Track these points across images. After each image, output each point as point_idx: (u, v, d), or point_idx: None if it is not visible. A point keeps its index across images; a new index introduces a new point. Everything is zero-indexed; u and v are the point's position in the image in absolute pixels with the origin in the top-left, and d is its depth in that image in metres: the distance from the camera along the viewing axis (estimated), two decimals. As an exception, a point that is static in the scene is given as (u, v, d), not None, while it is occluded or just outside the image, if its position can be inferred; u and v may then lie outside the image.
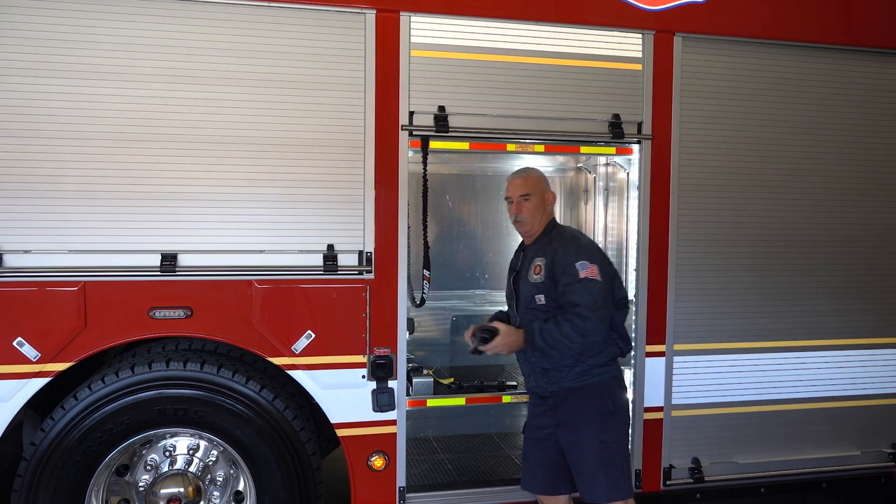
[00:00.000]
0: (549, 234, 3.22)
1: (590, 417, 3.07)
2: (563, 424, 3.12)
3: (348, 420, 3.39)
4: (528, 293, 3.17)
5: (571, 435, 3.09)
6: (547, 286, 3.10)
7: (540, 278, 3.11)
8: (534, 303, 3.13)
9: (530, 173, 3.29)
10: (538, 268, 3.13)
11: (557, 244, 3.13)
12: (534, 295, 3.13)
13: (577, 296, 2.98)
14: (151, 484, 3.29)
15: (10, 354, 3.04)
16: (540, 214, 3.22)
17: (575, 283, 3.00)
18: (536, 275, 3.13)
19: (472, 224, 4.78)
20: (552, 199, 3.28)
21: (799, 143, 3.88)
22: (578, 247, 3.10)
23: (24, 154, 3.04)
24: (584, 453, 3.06)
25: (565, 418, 3.11)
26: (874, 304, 4.02)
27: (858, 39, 3.90)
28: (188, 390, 3.20)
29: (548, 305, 3.10)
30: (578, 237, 3.22)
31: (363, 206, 3.36)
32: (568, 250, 3.08)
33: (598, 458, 3.03)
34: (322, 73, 3.29)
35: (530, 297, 3.15)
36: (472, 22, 3.45)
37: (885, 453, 4.08)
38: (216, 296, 3.22)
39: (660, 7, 3.64)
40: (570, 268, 3.02)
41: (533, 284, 3.14)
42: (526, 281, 3.18)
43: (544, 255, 3.14)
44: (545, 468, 3.22)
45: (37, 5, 3.03)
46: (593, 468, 3.04)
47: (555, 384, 3.12)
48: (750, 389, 3.88)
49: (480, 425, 4.69)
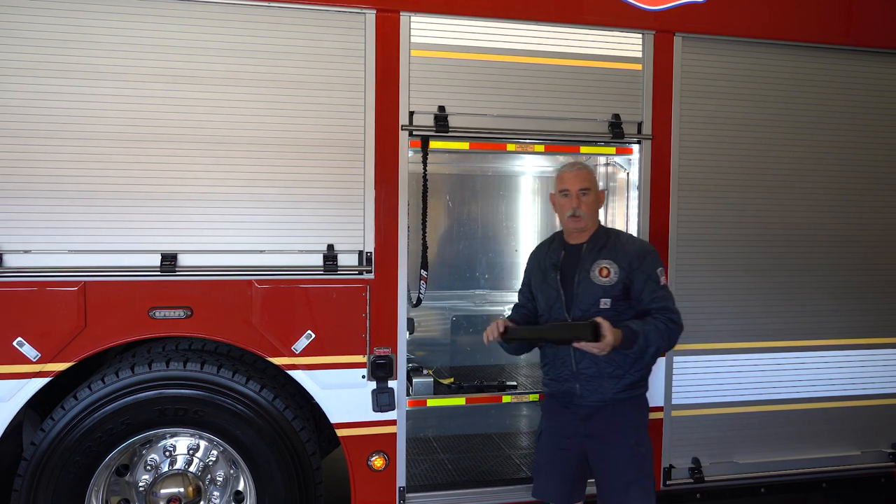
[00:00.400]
0: (605, 236, 3.11)
1: (629, 429, 3.00)
2: (597, 435, 3.01)
3: (348, 420, 3.39)
4: (592, 295, 3.01)
5: (606, 446, 3.00)
6: (618, 290, 2.99)
7: (609, 281, 2.99)
8: (596, 306, 2.99)
9: (588, 167, 3.18)
10: (605, 270, 3.01)
11: (633, 250, 3.04)
12: (599, 297, 3.00)
13: (666, 301, 2.99)
14: (151, 484, 3.29)
15: (10, 354, 3.04)
16: (596, 210, 3.13)
17: (660, 288, 3.00)
18: (604, 277, 3.00)
19: (472, 224, 4.78)
20: (602, 199, 3.22)
21: (799, 143, 3.88)
22: (655, 254, 3.08)
23: (24, 154, 3.04)
24: (620, 465, 2.98)
25: (600, 429, 3.01)
26: (874, 304, 4.03)
27: (858, 39, 3.91)
28: (188, 390, 3.20)
29: (613, 310, 2.98)
30: (645, 243, 3.21)
31: (363, 206, 3.36)
32: (646, 256, 3.03)
33: (636, 471, 2.97)
34: (322, 73, 3.29)
35: (594, 300, 3.00)
36: (472, 22, 3.45)
37: (885, 453, 4.08)
38: (216, 296, 3.22)
39: (660, 7, 3.64)
40: (654, 274, 3.00)
41: (599, 287, 3.00)
42: (587, 281, 3.02)
43: (612, 258, 3.02)
44: (563, 477, 3.12)
45: (37, 5, 3.03)
46: (628, 480, 2.97)
47: (597, 394, 3.00)
48: (750, 389, 3.88)
49: (480, 425, 4.69)
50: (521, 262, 4.81)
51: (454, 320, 4.67)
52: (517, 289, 4.72)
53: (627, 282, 3.00)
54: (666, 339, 2.95)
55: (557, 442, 3.13)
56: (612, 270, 3.01)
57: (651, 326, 2.92)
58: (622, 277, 3.00)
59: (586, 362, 3.00)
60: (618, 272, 3.00)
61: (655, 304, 2.98)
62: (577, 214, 3.05)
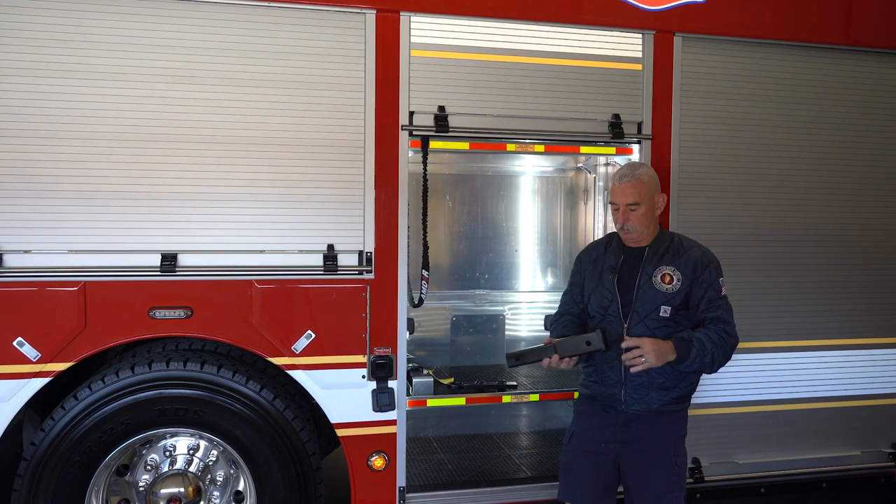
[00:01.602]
0: (668, 241, 3.03)
1: (668, 441, 2.96)
2: (634, 443, 2.96)
3: (348, 420, 3.39)
4: (653, 301, 2.93)
5: (643, 455, 2.95)
6: (679, 299, 2.92)
7: (672, 289, 2.92)
8: (656, 313, 2.92)
9: (641, 177, 2.98)
10: (668, 277, 2.93)
11: (697, 257, 2.97)
12: (660, 304, 2.92)
13: (725, 313, 2.92)
14: (151, 484, 3.29)
15: (10, 354, 3.04)
16: (650, 222, 3.00)
17: (720, 298, 2.93)
18: (668, 284, 2.92)
19: (472, 224, 4.78)
20: (663, 203, 3.05)
21: (799, 143, 3.88)
22: (717, 263, 3.00)
23: (24, 154, 3.04)
24: (657, 474, 2.94)
25: (639, 437, 2.95)
26: (874, 304, 4.03)
27: (858, 39, 3.91)
28: (188, 390, 3.20)
29: (671, 319, 2.92)
30: (708, 251, 3.07)
31: (363, 206, 3.36)
32: (709, 265, 2.96)
33: (671, 482, 2.94)
34: (322, 73, 3.29)
35: (654, 307, 2.92)
36: (472, 22, 3.45)
37: (885, 453, 4.08)
38: (216, 296, 3.22)
39: (660, 7, 3.64)
40: (716, 283, 2.93)
41: (662, 294, 2.92)
42: (650, 287, 2.94)
43: (675, 266, 2.95)
44: (594, 482, 3.03)
45: (37, 5, 3.03)
46: (663, 490, 2.94)
47: (642, 403, 2.93)
48: (750, 389, 3.88)
49: (480, 425, 4.69)
50: (522, 262, 4.83)
51: (454, 320, 4.67)
52: (517, 289, 4.78)
53: (689, 290, 2.93)
54: (721, 350, 2.85)
55: (591, 445, 3.04)
56: (676, 277, 2.94)
57: (703, 336, 2.84)
58: (685, 285, 2.93)
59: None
60: (681, 279, 2.93)
61: (710, 313, 2.91)
62: (626, 228, 2.97)
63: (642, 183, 2.96)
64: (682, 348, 2.82)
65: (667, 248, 3.00)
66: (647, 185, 2.97)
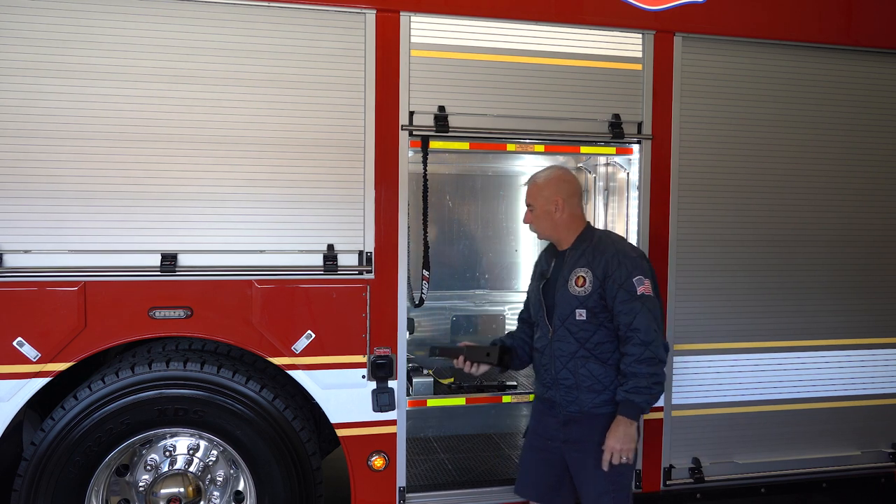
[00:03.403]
0: (589, 241, 3.01)
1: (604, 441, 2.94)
2: (574, 442, 3.00)
3: (348, 420, 3.39)
4: (568, 306, 2.94)
5: (581, 455, 2.98)
6: (593, 301, 2.89)
7: (584, 291, 2.90)
8: (573, 318, 2.93)
9: (537, 180, 3.11)
10: (581, 279, 2.91)
11: (610, 256, 2.91)
12: (574, 308, 2.92)
13: (637, 317, 2.81)
14: (151, 484, 3.29)
15: (10, 354, 3.04)
16: (548, 222, 3.05)
17: (633, 300, 2.83)
18: (579, 287, 2.90)
19: (472, 224, 4.78)
20: (562, 205, 3.03)
21: (799, 143, 3.88)
22: (633, 260, 2.91)
23: (24, 154, 3.04)
24: (594, 475, 2.94)
25: (577, 437, 2.99)
26: (874, 304, 4.02)
27: (858, 39, 3.90)
28: (188, 390, 3.20)
29: (589, 322, 2.90)
30: (627, 248, 3.01)
31: (363, 206, 3.36)
32: (622, 264, 2.88)
33: (609, 483, 2.93)
34: (322, 73, 3.29)
35: (569, 311, 2.94)
36: (472, 22, 3.45)
37: (885, 453, 4.08)
38: (216, 296, 3.22)
39: (660, 7, 3.64)
40: (627, 283, 2.84)
41: (575, 297, 2.92)
42: (565, 292, 2.95)
43: (589, 267, 2.92)
44: (544, 476, 3.13)
45: (37, 5, 3.03)
46: (601, 491, 2.94)
47: (575, 405, 2.98)
48: (750, 389, 3.88)
49: (480, 425, 4.69)
50: (521, 262, 4.83)
51: (454, 320, 4.67)
52: (517, 289, 4.79)
53: (602, 291, 2.88)
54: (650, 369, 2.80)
55: (541, 443, 3.15)
56: (588, 279, 2.91)
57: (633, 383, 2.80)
58: (597, 287, 2.88)
59: (565, 372, 2.99)
60: (593, 281, 2.90)
61: (622, 317, 2.84)
62: (532, 229, 3.15)
63: (536, 185, 3.11)
64: (630, 411, 2.83)
65: (584, 249, 3.00)
66: (540, 187, 3.08)
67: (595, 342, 2.94)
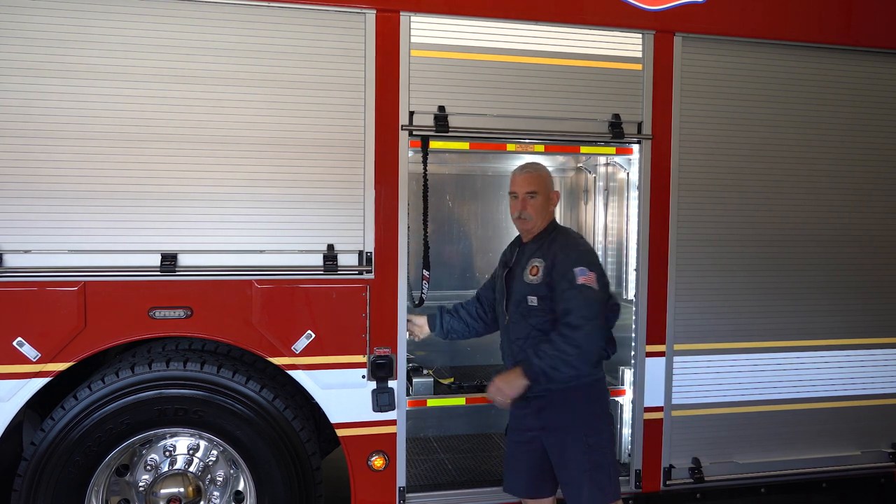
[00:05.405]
0: (549, 235, 3.17)
1: (577, 421, 3.03)
2: (549, 427, 3.07)
3: (348, 420, 3.39)
4: (521, 293, 3.11)
5: (557, 438, 3.05)
6: (543, 289, 3.05)
7: (536, 280, 3.07)
8: (525, 303, 3.09)
9: (539, 170, 3.22)
10: (535, 269, 3.09)
11: (558, 248, 3.08)
12: (526, 295, 3.09)
13: (571, 302, 2.94)
14: (151, 484, 3.29)
15: (10, 354, 3.04)
16: (544, 213, 3.18)
17: (571, 288, 2.95)
18: (533, 276, 3.08)
19: (472, 224, 4.78)
20: (556, 199, 3.25)
21: (799, 143, 3.88)
22: (580, 252, 3.06)
23: (24, 154, 3.04)
24: (570, 457, 3.02)
25: (551, 421, 3.06)
26: (874, 304, 4.03)
27: (858, 39, 3.91)
28: (188, 390, 3.20)
29: (540, 308, 3.05)
30: (579, 242, 3.16)
31: (363, 206, 3.36)
32: (568, 255, 3.03)
33: (586, 462, 3.00)
34: (322, 73, 3.29)
35: (522, 297, 3.10)
36: (472, 22, 3.45)
37: (885, 453, 4.09)
38: (216, 296, 3.22)
39: (660, 7, 3.64)
40: (569, 273, 2.97)
41: (527, 285, 3.09)
42: (520, 280, 3.13)
43: (543, 258, 3.09)
44: (528, 471, 3.18)
45: (37, 5, 3.03)
46: (579, 472, 3.00)
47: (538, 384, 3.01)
48: (750, 389, 3.88)
49: (480, 425, 4.69)
50: (521, 262, 4.82)
51: (454, 320, 4.66)
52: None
53: (550, 280, 3.03)
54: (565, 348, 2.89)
55: (519, 436, 3.20)
56: (541, 268, 3.07)
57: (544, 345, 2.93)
58: (545, 276, 3.04)
59: (522, 354, 3.07)
60: (543, 270, 3.06)
61: (560, 304, 2.98)
62: (523, 217, 3.16)
63: (539, 175, 3.20)
64: (526, 367, 2.95)
65: (547, 242, 3.14)
66: (543, 178, 3.20)
67: (545, 326, 3.06)
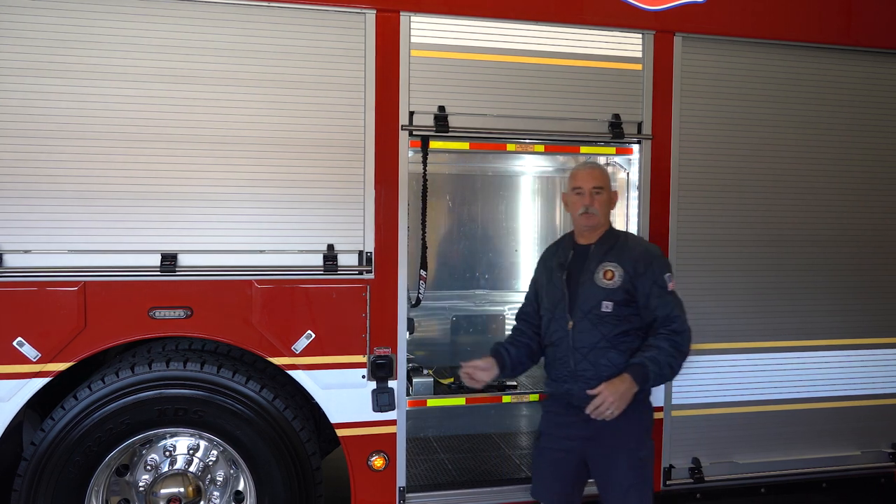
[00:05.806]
0: (615, 238, 3.10)
1: (631, 433, 2.96)
2: (598, 437, 2.97)
3: (348, 420, 3.39)
4: (594, 297, 2.98)
5: (607, 450, 2.97)
6: (619, 294, 2.96)
7: (613, 284, 2.96)
8: (598, 308, 2.97)
9: (602, 167, 3.20)
10: (610, 273, 2.98)
11: (638, 253, 3.02)
12: (601, 300, 2.97)
13: (671, 309, 2.94)
14: (151, 484, 3.29)
15: (10, 354, 3.04)
16: (608, 210, 3.13)
17: (666, 294, 2.96)
18: (608, 280, 2.97)
19: (472, 224, 4.78)
20: (616, 199, 3.22)
21: (799, 143, 3.88)
22: (663, 259, 3.08)
23: (24, 154, 3.04)
24: (620, 469, 2.95)
25: (601, 432, 2.95)
26: (874, 304, 4.02)
27: (858, 39, 3.91)
28: (188, 390, 3.20)
29: (614, 314, 2.96)
30: (653, 247, 3.16)
31: (363, 206, 3.36)
32: (654, 261, 3.00)
33: (635, 476, 2.95)
34: (322, 73, 3.29)
35: (595, 302, 2.98)
36: (472, 22, 3.45)
37: (885, 453, 4.08)
38: (216, 296, 3.22)
39: (660, 7, 3.64)
40: (661, 280, 2.96)
41: (602, 289, 2.97)
42: (591, 284, 3.00)
43: (618, 261, 2.99)
44: (562, 480, 3.09)
45: (37, 5, 3.03)
46: (628, 485, 2.94)
47: None
48: (750, 389, 3.88)
49: (480, 425, 4.69)
50: (522, 262, 4.82)
51: (454, 320, 4.66)
52: (517, 289, 4.78)
53: (630, 286, 2.97)
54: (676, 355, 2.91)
55: (557, 443, 3.10)
56: (617, 273, 2.98)
57: (655, 352, 2.88)
58: (626, 281, 2.97)
59: (585, 364, 2.98)
60: (622, 276, 2.97)
61: (659, 311, 2.95)
62: (590, 212, 3.04)
63: (605, 173, 3.15)
64: (638, 375, 2.87)
65: (612, 245, 3.07)
66: (608, 176, 3.16)
67: (616, 333, 2.97)
